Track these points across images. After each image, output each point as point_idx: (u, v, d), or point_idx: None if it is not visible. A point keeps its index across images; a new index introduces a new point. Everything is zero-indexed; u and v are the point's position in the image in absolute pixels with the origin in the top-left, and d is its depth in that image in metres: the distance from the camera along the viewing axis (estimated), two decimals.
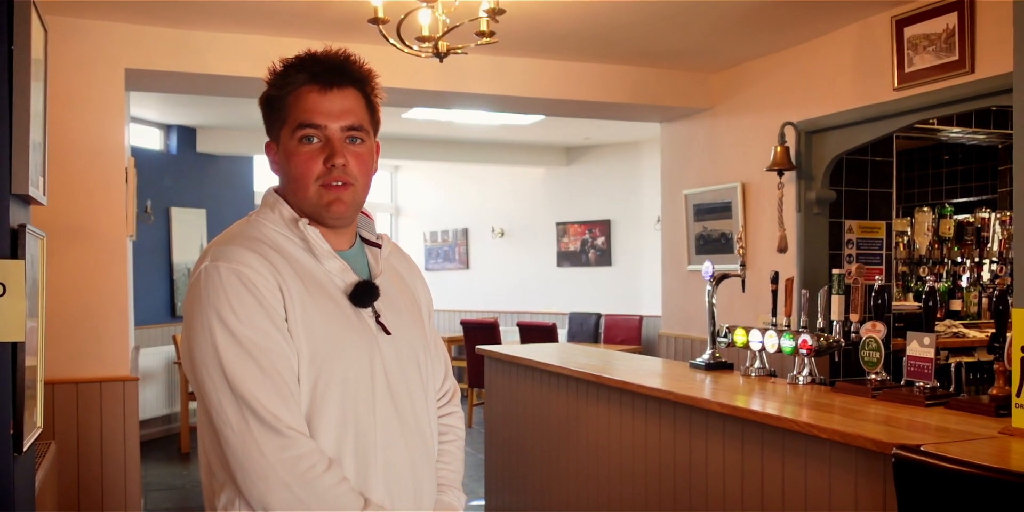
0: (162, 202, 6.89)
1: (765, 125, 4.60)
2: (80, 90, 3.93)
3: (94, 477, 3.91)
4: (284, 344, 1.35)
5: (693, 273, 5.13)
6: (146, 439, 6.25)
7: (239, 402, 1.31)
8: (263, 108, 1.50)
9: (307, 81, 1.43)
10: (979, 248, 5.56)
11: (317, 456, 1.34)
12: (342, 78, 1.45)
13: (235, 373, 1.32)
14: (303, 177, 1.43)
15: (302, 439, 1.33)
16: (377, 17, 3.11)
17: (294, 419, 1.34)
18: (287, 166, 1.45)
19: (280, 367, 1.34)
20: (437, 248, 9.79)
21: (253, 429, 1.31)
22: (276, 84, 1.46)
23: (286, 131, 1.44)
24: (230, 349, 1.32)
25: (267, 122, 1.50)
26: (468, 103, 5.11)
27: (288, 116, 1.44)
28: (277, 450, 1.31)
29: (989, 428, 2.24)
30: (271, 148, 1.51)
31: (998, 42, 3.33)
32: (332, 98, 1.43)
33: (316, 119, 1.42)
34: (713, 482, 2.80)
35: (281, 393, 1.33)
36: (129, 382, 3.97)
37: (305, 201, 1.44)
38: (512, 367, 4.20)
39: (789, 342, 3.08)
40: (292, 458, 1.31)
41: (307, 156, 1.42)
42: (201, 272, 1.38)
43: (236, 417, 1.31)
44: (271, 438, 1.30)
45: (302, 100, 1.43)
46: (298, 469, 1.31)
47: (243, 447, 1.31)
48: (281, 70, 1.46)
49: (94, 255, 3.93)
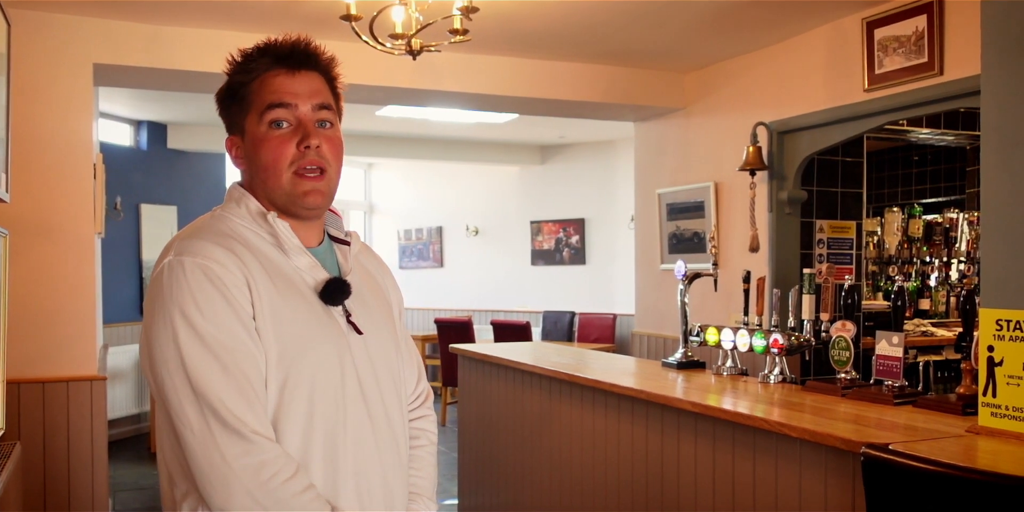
0: (132, 199, 6.81)
1: (738, 125, 4.62)
2: (47, 85, 3.87)
3: (61, 478, 3.85)
4: (250, 344, 1.30)
5: (666, 272, 5.15)
6: (115, 439, 6.18)
7: (201, 404, 1.25)
8: (224, 100, 1.45)
9: (272, 64, 1.39)
10: (947, 248, 5.63)
11: (282, 462, 1.28)
12: (308, 61, 1.41)
13: (198, 373, 1.26)
14: (275, 163, 1.37)
15: (267, 444, 1.27)
16: (350, 14, 3.09)
17: (259, 423, 1.28)
18: (256, 154, 1.39)
19: (245, 368, 1.28)
20: (411, 246, 9.76)
21: (215, 432, 1.25)
22: (238, 70, 1.41)
23: (252, 117, 1.39)
24: (193, 348, 1.26)
25: (228, 114, 1.45)
26: (442, 101, 5.10)
27: (254, 101, 1.39)
28: (240, 455, 1.25)
29: (956, 427, 2.26)
30: (234, 142, 1.45)
31: (966, 45, 3.37)
32: (300, 79, 1.39)
33: (286, 98, 1.37)
34: (685, 480, 2.81)
35: (246, 395, 1.27)
36: (97, 381, 3.91)
37: (277, 190, 1.38)
38: (486, 366, 4.19)
39: (760, 341, 3.09)
40: (256, 464, 1.25)
41: (278, 141, 1.37)
42: (164, 267, 1.32)
43: (197, 419, 1.25)
44: (234, 443, 1.25)
45: (268, 83, 1.38)
46: (261, 476, 1.25)
47: (204, 451, 1.25)
48: (242, 58, 1.42)
49: (61, 252, 3.87)
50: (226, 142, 1.47)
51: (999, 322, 2.16)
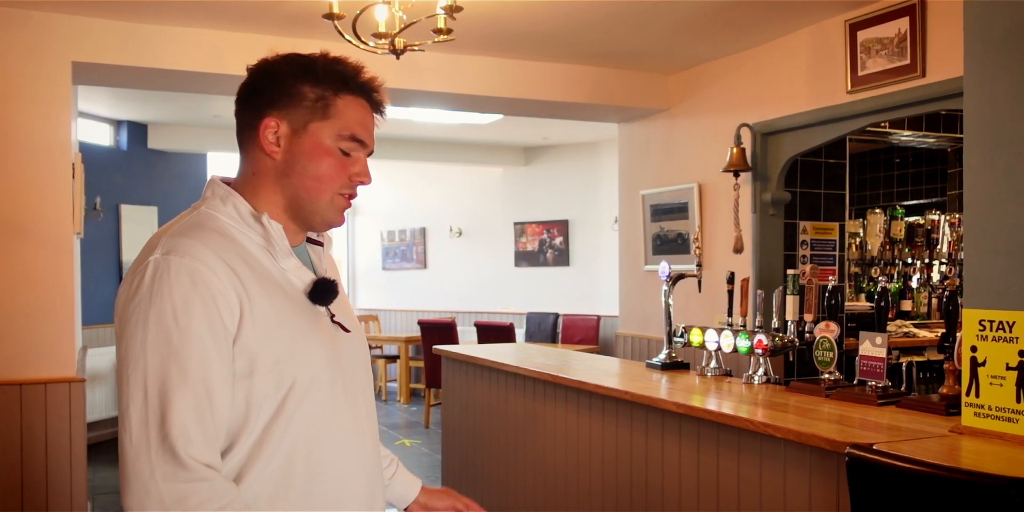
0: (112, 199, 6.75)
1: (721, 126, 4.63)
2: (24, 83, 3.82)
3: (39, 481, 3.80)
4: (218, 358, 1.24)
5: (650, 273, 5.15)
6: (94, 441, 6.11)
7: (149, 411, 1.19)
8: (289, 80, 1.36)
9: (360, 94, 1.40)
10: (929, 249, 5.67)
11: (214, 493, 1.20)
12: (381, 111, 1.45)
13: (156, 380, 1.20)
14: (329, 181, 1.37)
15: (203, 471, 1.20)
16: (332, 13, 3.06)
17: (206, 445, 1.21)
18: (313, 162, 1.36)
19: (209, 382, 1.23)
20: (394, 247, 9.73)
21: (152, 446, 1.18)
22: (328, 75, 1.37)
23: (326, 129, 1.36)
24: (159, 352, 1.21)
25: (286, 95, 1.37)
26: (425, 101, 5.08)
27: (335, 116, 1.37)
28: (169, 477, 1.18)
29: (940, 427, 2.27)
30: (279, 126, 1.36)
31: (948, 47, 3.39)
32: (375, 123, 1.44)
33: (366, 137, 1.40)
34: (669, 481, 2.80)
35: (200, 412, 1.21)
36: (75, 383, 3.87)
37: (314, 202, 1.38)
38: (469, 367, 4.17)
39: (745, 342, 3.09)
40: (181, 491, 1.18)
41: (342, 163, 1.38)
42: (148, 264, 1.26)
43: (139, 427, 1.19)
44: (167, 461, 1.18)
45: (355, 111, 1.39)
46: (186, 503, 1.18)
47: (135, 460, 1.18)
48: (336, 63, 1.39)
49: (38, 253, 3.82)
50: (264, 120, 1.37)
51: (982, 322, 2.16)
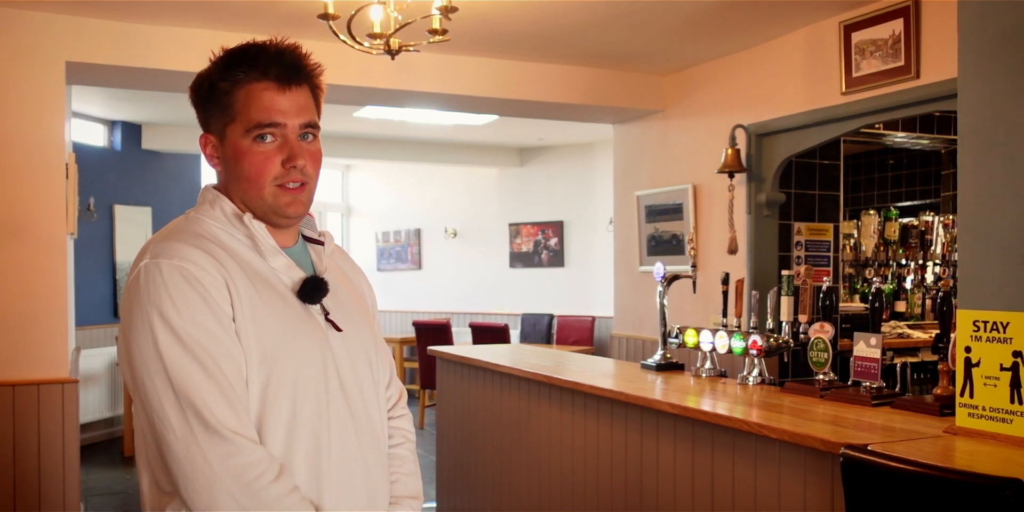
0: (106, 199, 6.72)
1: (716, 127, 4.63)
2: (17, 83, 3.80)
3: (31, 482, 3.79)
4: (230, 345, 1.29)
5: (645, 274, 5.15)
6: (87, 443, 6.10)
7: (182, 406, 1.24)
8: (201, 94, 1.40)
9: (261, 77, 1.35)
10: (923, 251, 5.67)
11: (266, 464, 1.27)
12: (298, 76, 1.38)
13: (178, 375, 1.25)
14: (258, 177, 1.36)
15: (250, 445, 1.26)
16: (327, 13, 3.06)
17: (241, 424, 1.27)
18: (238, 165, 1.37)
19: (226, 369, 1.27)
20: (389, 248, 9.71)
21: (197, 434, 1.24)
22: (222, 74, 1.37)
23: (236, 129, 1.36)
24: (173, 349, 1.25)
25: (204, 112, 1.41)
26: (420, 102, 5.07)
27: (239, 113, 1.35)
28: (223, 457, 1.24)
29: (934, 427, 2.28)
30: (210, 141, 1.42)
31: (942, 48, 3.39)
32: (290, 96, 1.36)
33: (276, 117, 1.35)
34: (664, 482, 2.80)
35: (227, 396, 1.26)
36: (68, 384, 3.86)
37: (257, 200, 1.38)
38: (464, 368, 4.17)
39: (739, 343, 3.10)
40: (239, 466, 1.24)
41: (263, 156, 1.35)
42: (141, 269, 1.31)
43: (179, 421, 1.24)
44: (217, 444, 1.24)
45: (257, 97, 1.35)
46: (245, 478, 1.24)
47: (186, 454, 1.24)
48: (226, 61, 1.37)
49: (31, 253, 3.81)
50: (200, 139, 1.43)
51: (976, 323, 2.17)
